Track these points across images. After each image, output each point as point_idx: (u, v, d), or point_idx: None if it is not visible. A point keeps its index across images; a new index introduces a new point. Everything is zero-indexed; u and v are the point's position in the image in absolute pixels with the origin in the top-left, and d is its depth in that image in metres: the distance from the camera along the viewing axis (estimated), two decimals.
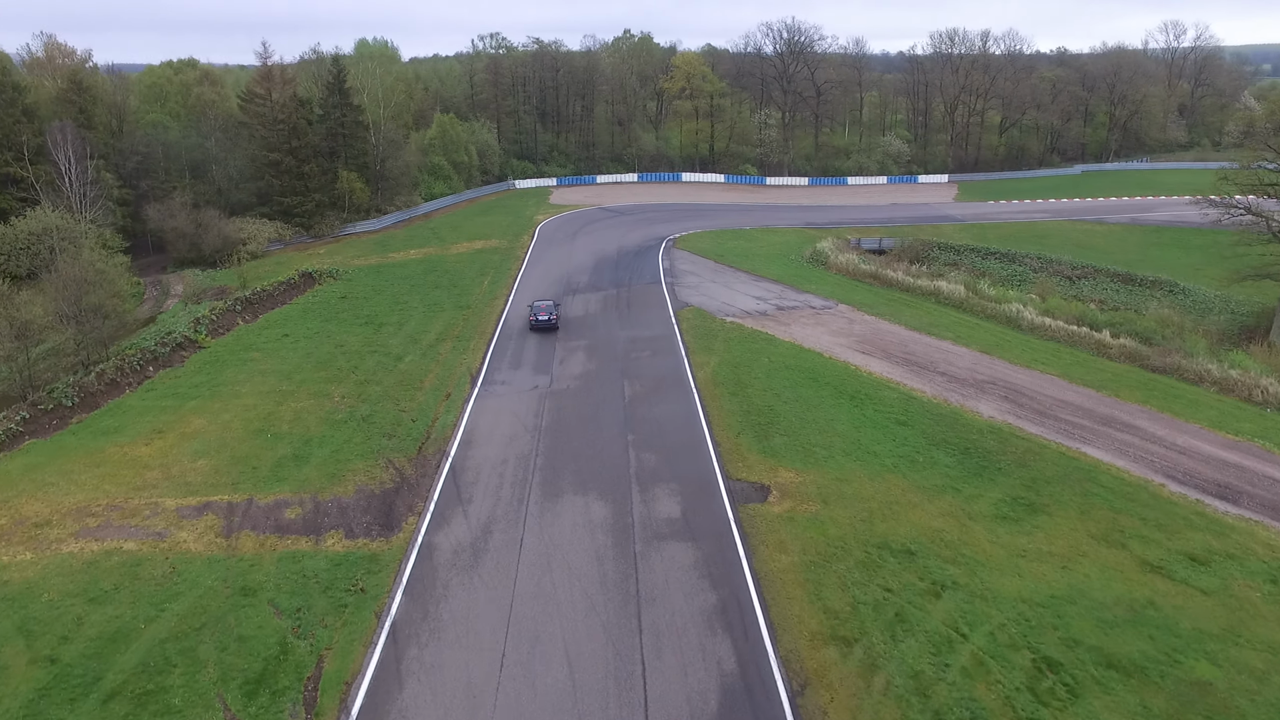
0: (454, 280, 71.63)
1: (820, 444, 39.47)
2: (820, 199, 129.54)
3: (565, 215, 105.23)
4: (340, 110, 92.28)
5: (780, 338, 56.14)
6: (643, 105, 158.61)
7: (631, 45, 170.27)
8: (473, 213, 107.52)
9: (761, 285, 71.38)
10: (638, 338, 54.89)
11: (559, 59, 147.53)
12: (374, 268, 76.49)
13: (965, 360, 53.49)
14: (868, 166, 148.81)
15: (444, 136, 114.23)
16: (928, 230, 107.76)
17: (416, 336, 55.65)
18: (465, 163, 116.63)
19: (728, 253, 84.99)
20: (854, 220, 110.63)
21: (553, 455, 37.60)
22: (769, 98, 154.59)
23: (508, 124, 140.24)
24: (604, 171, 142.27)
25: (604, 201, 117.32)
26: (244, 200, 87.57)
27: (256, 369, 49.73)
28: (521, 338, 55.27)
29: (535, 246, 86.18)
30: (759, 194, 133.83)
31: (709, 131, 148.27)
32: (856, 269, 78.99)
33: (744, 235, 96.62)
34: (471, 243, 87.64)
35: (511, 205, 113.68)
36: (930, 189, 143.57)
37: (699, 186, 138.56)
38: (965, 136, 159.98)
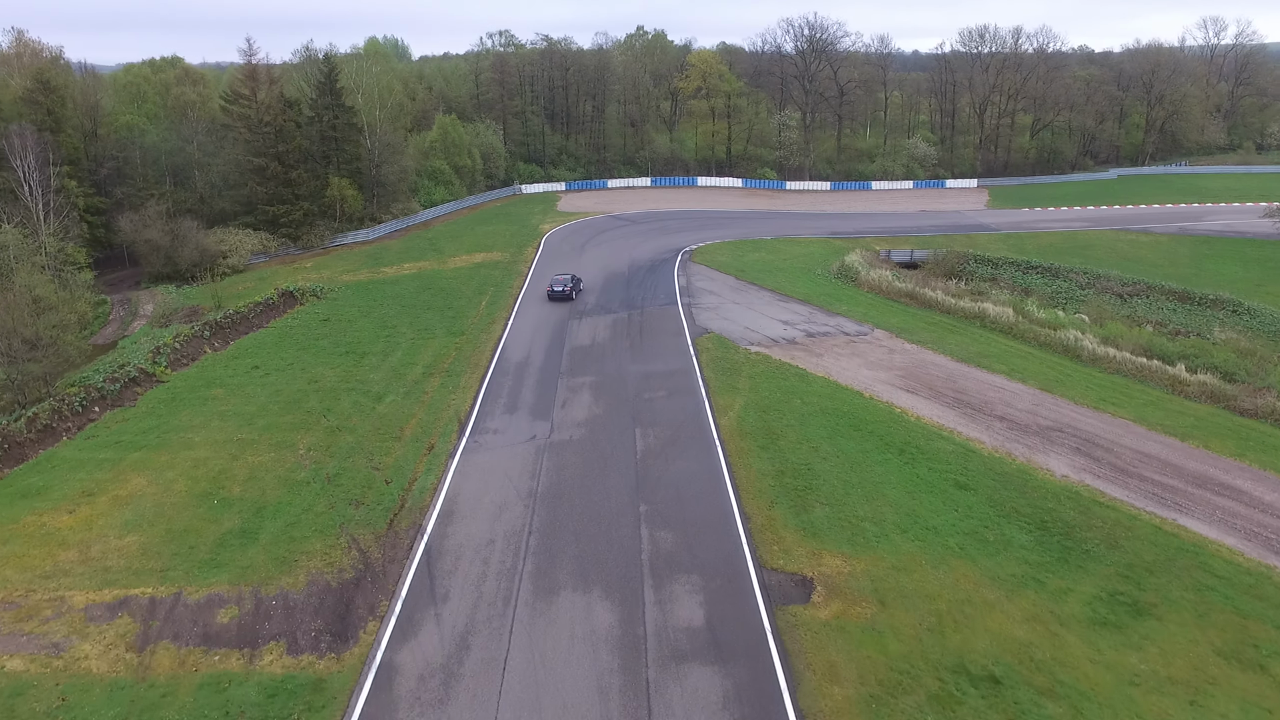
0: (449, 300, 65.63)
1: (869, 516, 33.20)
2: (844, 205, 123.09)
3: (573, 224, 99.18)
4: (332, 112, 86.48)
5: (813, 372, 49.87)
6: (656, 105, 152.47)
7: (645, 43, 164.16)
8: (475, 221, 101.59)
9: (788, 306, 65.09)
10: (651, 373, 48.69)
11: (569, 57, 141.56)
12: (363, 285, 70.57)
13: (1024, 400, 47.11)
14: (893, 170, 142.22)
15: (445, 139, 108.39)
16: (961, 241, 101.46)
17: (401, 370, 49.61)
18: (468, 167, 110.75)
19: (749, 267, 78.75)
20: (881, 229, 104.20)
21: (550, 533, 31.45)
22: (788, 98, 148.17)
23: (514, 125, 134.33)
24: (615, 175, 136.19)
25: (615, 208, 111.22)
26: (227, 209, 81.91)
27: (216, 410, 43.78)
28: (520, 373, 49.16)
29: (540, 260, 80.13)
30: (779, 200, 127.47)
31: (726, 133, 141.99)
32: (891, 287, 72.61)
33: (765, 246, 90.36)
34: (471, 255, 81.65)
35: (517, 212, 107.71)
36: (959, 195, 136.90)
37: (716, 192, 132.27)
38: (995, 139, 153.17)
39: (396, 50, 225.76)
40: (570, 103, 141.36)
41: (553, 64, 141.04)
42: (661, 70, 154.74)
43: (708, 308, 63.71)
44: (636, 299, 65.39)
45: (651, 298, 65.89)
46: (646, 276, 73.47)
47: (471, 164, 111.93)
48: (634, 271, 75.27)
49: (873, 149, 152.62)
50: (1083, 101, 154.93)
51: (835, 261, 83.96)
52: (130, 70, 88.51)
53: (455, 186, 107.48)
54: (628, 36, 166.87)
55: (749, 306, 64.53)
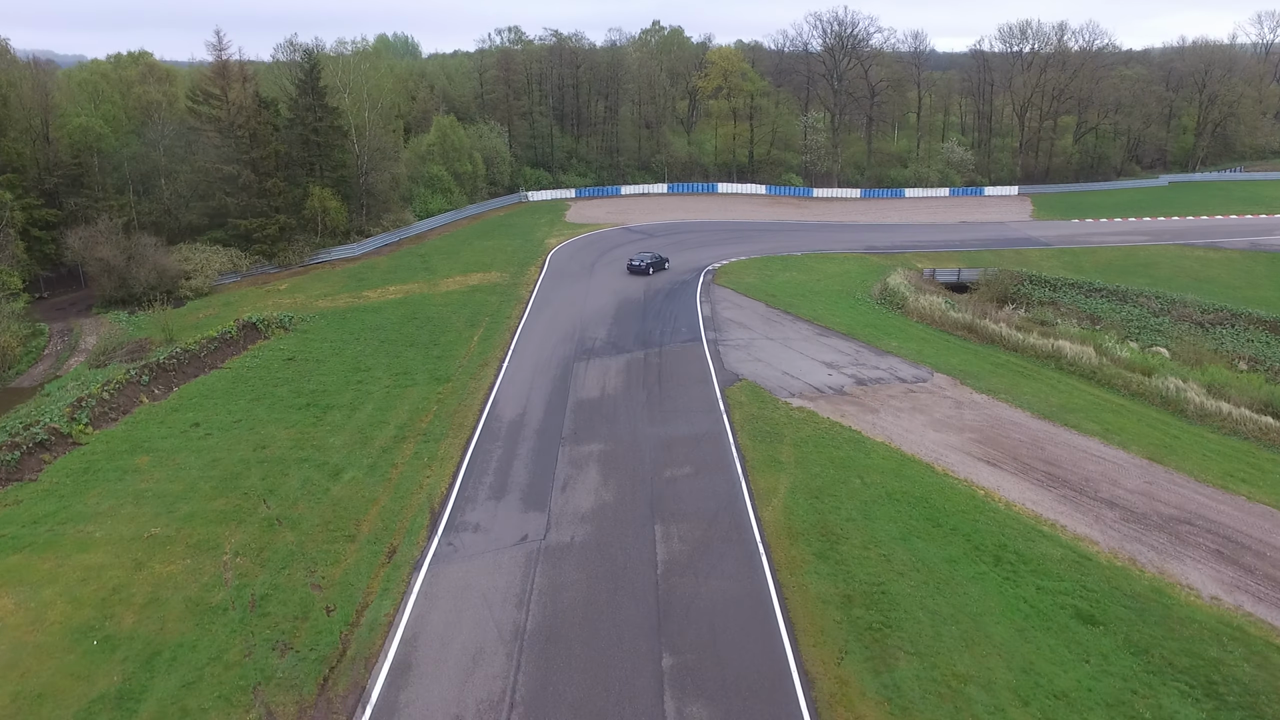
0: (436, 333, 57.27)
1: (974, 675, 24.59)
2: (877, 215, 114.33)
3: (583, 238, 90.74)
4: (314, 114, 78.29)
5: (870, 436, 41.27)
6: (673, 106, 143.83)
7: (661, 39, 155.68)
8: (474, 233, 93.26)
9: (830, 342, 56.45)
10: (674, 438, 40.15)
11: (580, 54, 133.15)
12: (340, 313, 62.28)
13: (1133, 476, 38.45)
14: (927, 177, 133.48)
15: (444, 142, 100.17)
16: (1010, 257, 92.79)
17: (369, 431, 41.22)
18: (469, 173, 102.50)
19: (781, 290, 70.25)
20: (920, 243, 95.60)
21: (539, 706, 22.94)
22: (815, 98, 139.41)
23: (521, 127, 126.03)
24: (629, 181, 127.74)
25: (629, 219, 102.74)
26: (196, 223, 73.89)
27: (134, 489, 35.50)
28: (513, 437, 40.67)
29: (544, 282, 71.72)
30: (806, 209, 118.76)
31: (748, 135, 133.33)
32: (945, 317, 63.88)
33: (796, 264, 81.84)
34: (467, 276, 73.31)
35: (521, 224, 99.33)
36: (1000, 203, 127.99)
37: (737, 199, 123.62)
38: (1036, 143, 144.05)
39: (406, 48, 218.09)
40: (581, 103, 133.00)
41: (563, 61, 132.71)
42: (679, 68, 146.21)
43: (737, 345, 55.12)
44: (654, 334, 56.85)
45: (671, 332, 57.33)
46: (665, 304, 64.97)
47: (473, 170, 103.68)
48: (651, 297, 66.77)
49: (904, 153, 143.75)
50: (1130, 103, 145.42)
51: (876, 283, 75.57)
52: (86, 66, 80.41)
53: (454, 195, 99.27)
54: (643, 32, 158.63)
55: (785, 343, 55.90)
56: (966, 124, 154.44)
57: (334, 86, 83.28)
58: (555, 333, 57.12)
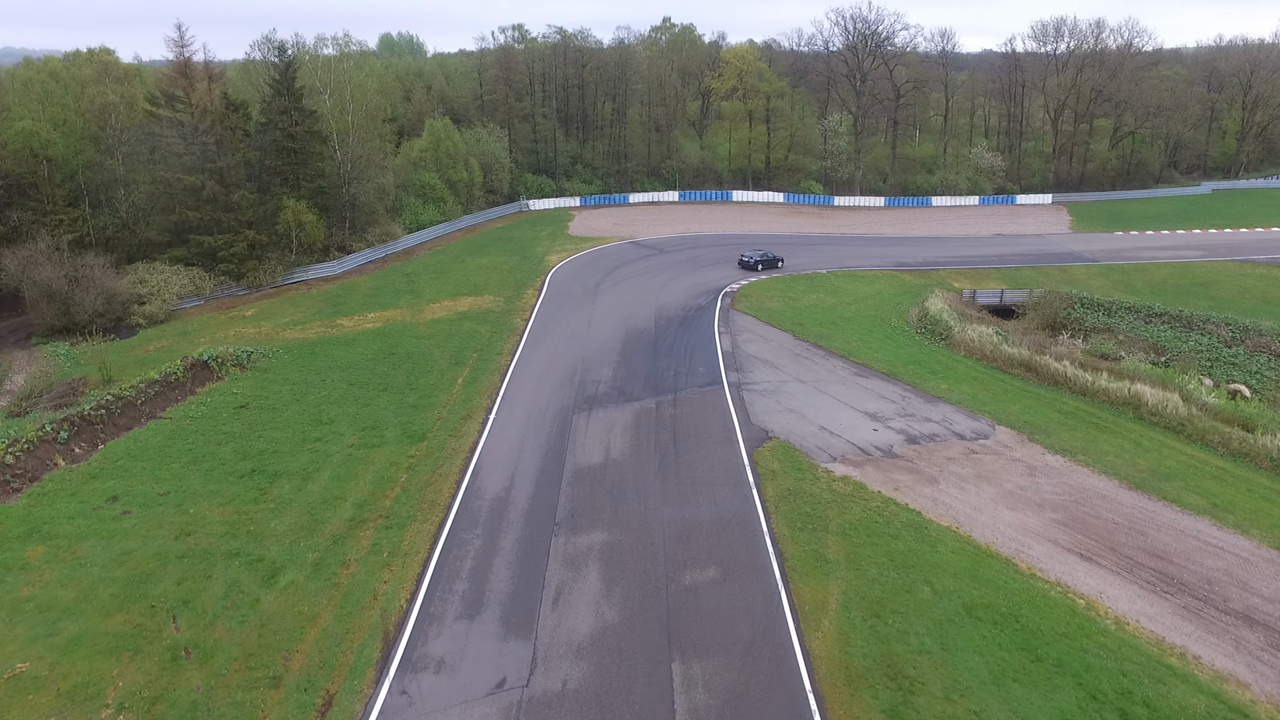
0: (415, 374, 50.06)
1: None
2: (904, 226, 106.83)
3: (587, 254, 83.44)
4: (289, 117, 71.15)
5: (933, 518, 33.93)
6: (683, 107, 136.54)
7: (672, 36, 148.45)
8: (468, 249, 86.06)
9: (871, 385, 49.07)
10: (694, 524, 32.83)
11: (586, 53, 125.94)
12: (308, 346, 55.11)
13: (1265, 575, 31.30)
14: (956, 184, 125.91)
15: (437, 148, 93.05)
16: (1054, 275, 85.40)
17: (320, 511, 33.98)
18: (464, 181, 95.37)
19: (809, 317, 63.02)
20: (955, 259, 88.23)
21: None
22: (835, 100, 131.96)
23: (522, 131, 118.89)
24: (638, 189, 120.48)
25: (638, 231, 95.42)
26: (156, 239, 66.80)
27: (11, 597, 28.43)
28: (496, 522, 33.39)
29: (542, 308, 64.47)
30: (828, 219, 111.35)
31: (765, 140, 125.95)
32: (997, 352, 56.47)
33: (822, 284, 74.58)
34: (455, 300, 66.12)
35: (519, 237, 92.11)
36: (1035, 213, 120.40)
37: (754, 209, 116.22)
38: (1070, 148, 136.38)
39: (411, 47, 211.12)
40: (587, 104, 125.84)
41: (567, 60, 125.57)
42: (690, 68, 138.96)
43: (764, 389, 47.76)
44: (667, 375, 49.50)
45: (687, 373, 49.98)
46: (679, 335, 57.64)
47: (469, 177, 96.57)
48: (663, 327, 59.45)
49: (930, 159, 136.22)
50: (1171, 105, 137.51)
51: (912, 306, 68.45)
52: (33, 64, 73.43)
53: (448, 205, 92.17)
54: (652, 29, 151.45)
55: (819, 386, 48.51)
56: (994, 127, 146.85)
57: (313, 88, 76.24)
58: (552, 373, 49.81)
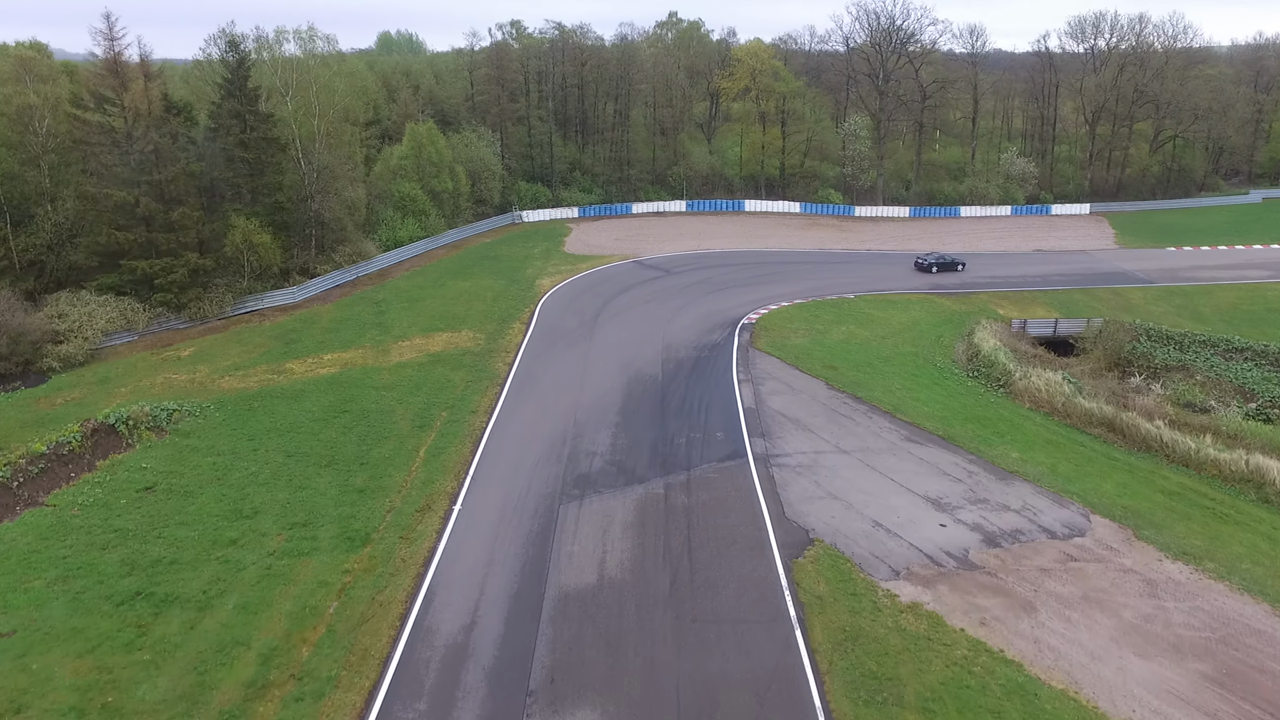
0: (369, 440, 41.26)
1: None
2: (934, 241, 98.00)
3: (585, 277, 74.58)
4: (242, 123, 62.40)
5: (1040, 675, 25.32)
6: (691, 109, 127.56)
7: (679, 32, 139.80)
8: (450, 270, 77.23)
9: (927, 455, 40.23)
10: (717, 689, 24.07)
11: (586, 51, 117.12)
12: (246, 400, 46.31)
13: None
14: (986, 193, 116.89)
15: (419, 154, 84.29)
16: (1107, 300, 76.80)
17: (210, 669, 25.18)
18: (449, 191, 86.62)
19: (841, 357, 54.40)
20: (996, 280, 79.77)
21: None
22: (856, 101, 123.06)
23: (516, 134, 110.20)
24: (642, 198, 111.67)
25: (642, 248, 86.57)
26: (84, 263, 58.13)
27: None
28: (447, 689, 24.52)
29: (529, 348, 55.63)
30: (850, 231, 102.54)
31: (779, 144, 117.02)
32: (1070, 406, 47.77)
33: (851, 312, 66.12)
34: (429, 337, 57.34)
35: (509, 254, 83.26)
36: (1073, 225, 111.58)
37: (768, 220, 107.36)
38: (1108, 154, 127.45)
39: (410, 46, 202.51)
40: (587, 105, 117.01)
41: (566, 58, 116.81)
42: (698, 66, 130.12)
43: (799, 463, 38.91)
44: (678, 443, 40.65)
45: (703, 440, 41.12)
46: (692, 383, 48.82)
47: (454, 187, 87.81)
48: (672, 372, 50.62)
49: (956, 164, 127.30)
50: (1217, 107, 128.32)
51: (957, 340, 60.25)
52: None
53: (430, 218, 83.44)
54: (658, 25, 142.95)
55: (866, 457, 39.68)
56: (1023, 131, 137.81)
57: (274, 89, 67.45)
58: (537, 440, 40.98)
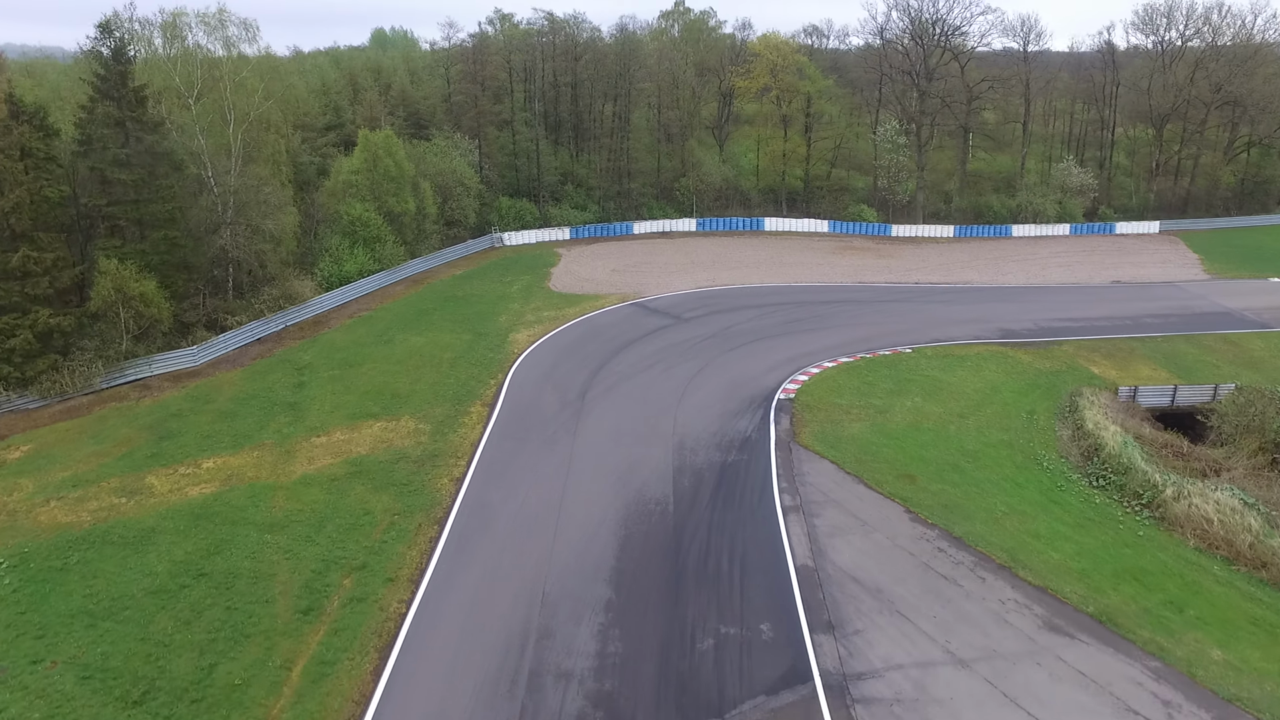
0: (219, 648, 26.86)
1: None
2: (990, 269, 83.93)
3: (571, 328, 60.04)
4: (122, 134, 47.88)
5: None
6: (700, 110, 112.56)
7: (686, 24, 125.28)
8: (402, 317, 62.75)
9: (1088, 667, 25.53)
10: None
11: (580, 45, 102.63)
12: (65, 548, 31.85)
13: None
14: (1042, 209, 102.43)
15: (373, 168, 69.88)
16: (1220, 350, 63.31)
17: None
18: (410, 212, 72.22)
19: (916, 456, 40.87)
20: (1075, 323, 66.31)
21: None
22: (891, 103, 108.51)
23: (499, 141, 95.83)
24: (644, 215, 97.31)
25: (645, 284, 72.13)
26: None
27: None
28: None
29: (488, 452, 41.04)
30: (890, 256, 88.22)
31: (803, 152, 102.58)
32: (1261, 548, 33.17)
33: (913, 375, 52.51)
34: (354, 429, 42.81)
35: (480, 295, 68.72)
36: (1145, 248, 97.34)
37: (794, 242, 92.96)
38: (1176, 163, 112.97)
39: (405, 43, 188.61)
40: (582, 107, 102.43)
41: (557, 52, 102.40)
42: (709, 63, 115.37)
43: (894, 693, 24.52)
44: (701, 655, 26.17)
45: (740, 648, 26.58)
46: (716, 519, 34.31)
47: (418, 207, 73.43)
48: (688, 495, 36.09)
49: (1003, 175, 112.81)
50: None
51: (1053, 414, 46.16)
52: None
53: (385, 246, 69.07)
54: (662, 14, 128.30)
55: (996, 677, 25.26)
56: (1076, 136, 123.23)
57: (170, 91, 53.02)
58: (479, 649, 26.44)
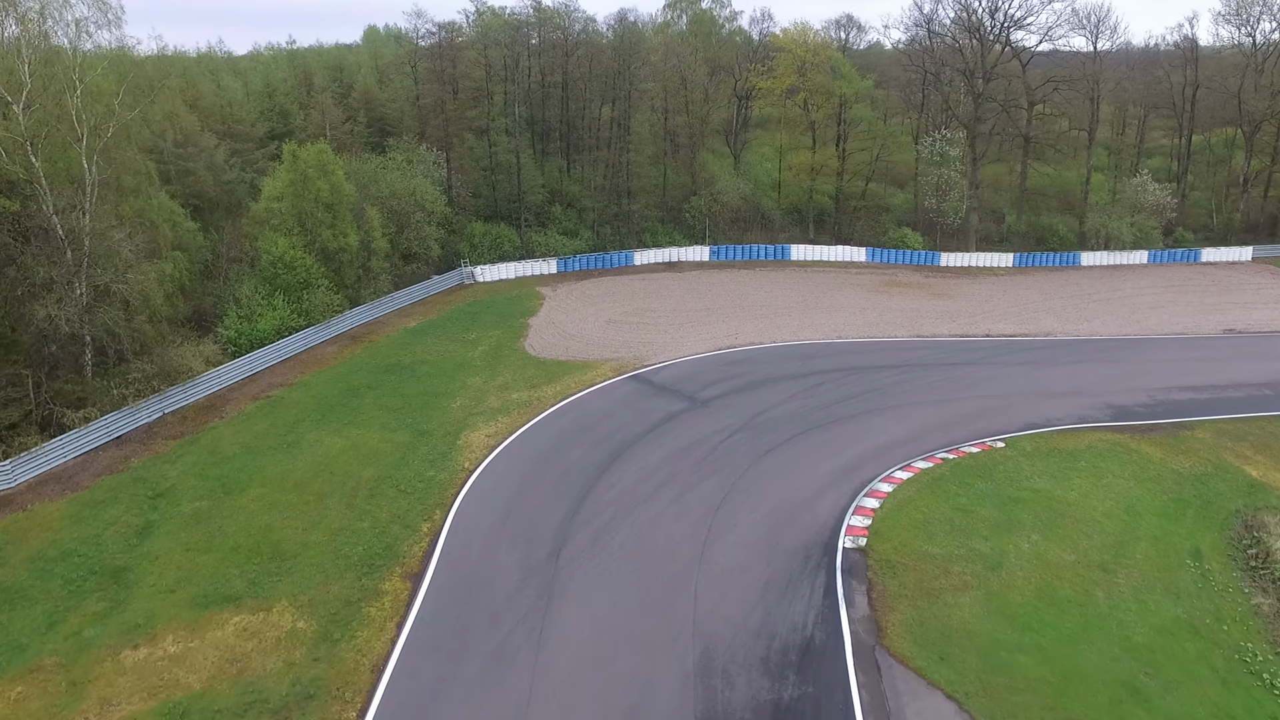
0: None
1: None
2: (1069, 312, 70.28)
3: (547, 423, 44.95)
4: None
5: None
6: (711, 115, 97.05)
7: (695, 14, 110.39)
8: (323, 397, 47.75)
9: None
10: None
11: (573, 39, 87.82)
12: None
13: None
14: (1119, 234, 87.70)
15: (301, 194, 55.12)
16: None
17: None
18: (350, 249, 57.50)
19: (1063, 664, 29.27)
20: (1198, 392, 53.38)
21: None
22: (941, 108, 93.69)
23: (476, 151, 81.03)
24: (647, 243, 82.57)
25: (650, 344, 57.33)
26: None
27: None
28: None
29: (398, 674, 26.38)
30: (945, 294, 73.75)
31: (835, 166, 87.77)
32: None
33: (1018, 491, 39.16)
34: (196, 628, 28.02)
35: (432, 362, 53.63)
36: (1243, 281, 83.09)
37: (827, 276, 78.18)
38: (1268, 176, 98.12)
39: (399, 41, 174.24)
40: (573, 112, 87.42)
41: (544, 46, 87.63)
42: (721, 60, 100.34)
43: None
44: None
45: None
46: None
47: (362, 242, 58.72)
48: None
49: (1064, 192, 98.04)
50: None
51: (1229, 563, 34.16)
52: None
53: (318, 292, 54.33)
54: (667, 4, 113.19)
55: None
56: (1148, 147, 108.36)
57: None
58: None
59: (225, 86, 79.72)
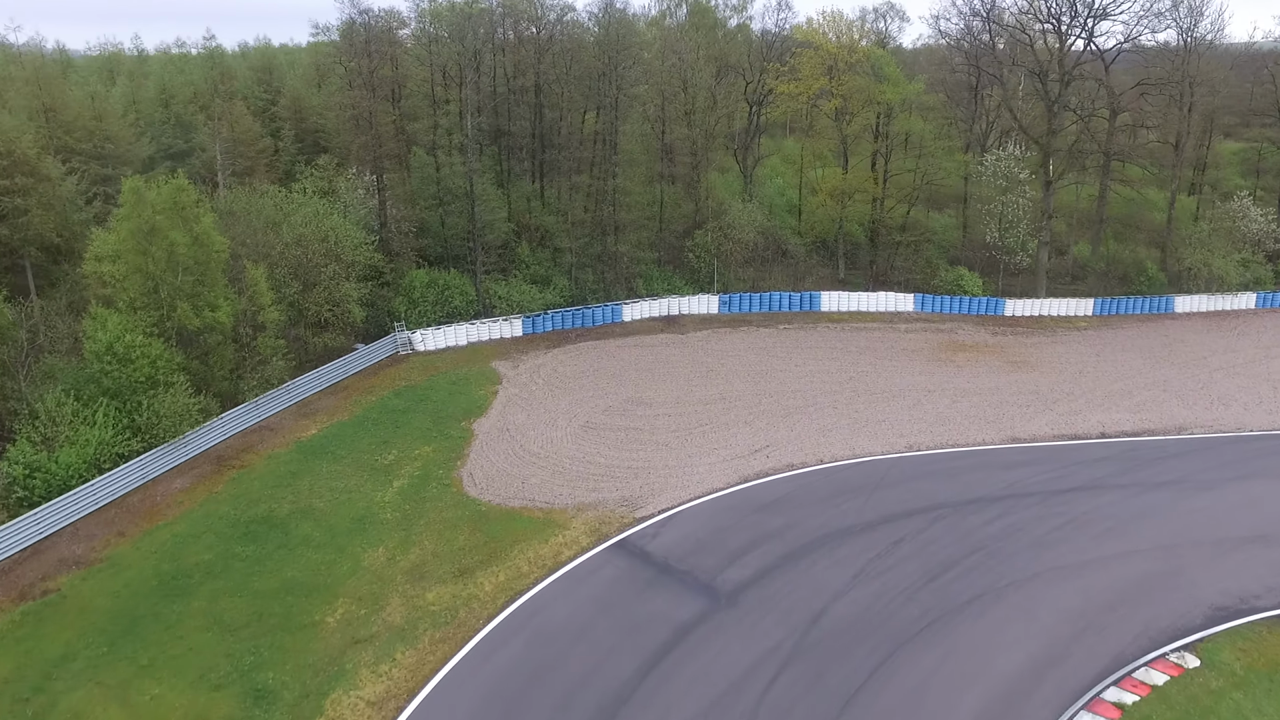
0: None
1: None
2: (1188, 388, 55.10)
3: (475, 662, 28.40)
4: None
5: None
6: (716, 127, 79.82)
7: (700, 8, 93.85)
8: (134, 590, 31.31)
9: None
10: None
11: (547, 32, 71.28)
12: None
13: None
14: (1221, 273, 71.81)
15: (147, 251, 38.65)
16: None
17: None
18: (222, 328, 40.98)
19: None
20: None
21: None
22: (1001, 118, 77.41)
23: (419, 174, 64.49)
24: (639, 291, 66.09)
25: (642, 474, 40.78)
26: None
27: None
28: None
29: None
30: (1024, 361, 58.24)
31: (873, 189, 71.60)
32: None
33: None
34: None
35: (317, 514, 36.96)
36: None
37: (870, 337, 61.93)
38: None
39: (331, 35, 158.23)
40: (547, 124, 70.52)
41: (518, 43, 71.21)
42: (728, 59, 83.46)
43: None
44: None
45: None
46: None
47: (244, 314, 42.27)
48: None
49: (1145, 217, 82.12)
50: None
51: None
52: None
53: (169, 398, 37.77)
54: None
55: None
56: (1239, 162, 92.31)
57: None
58: None
59: (100, 95, 63.10)
